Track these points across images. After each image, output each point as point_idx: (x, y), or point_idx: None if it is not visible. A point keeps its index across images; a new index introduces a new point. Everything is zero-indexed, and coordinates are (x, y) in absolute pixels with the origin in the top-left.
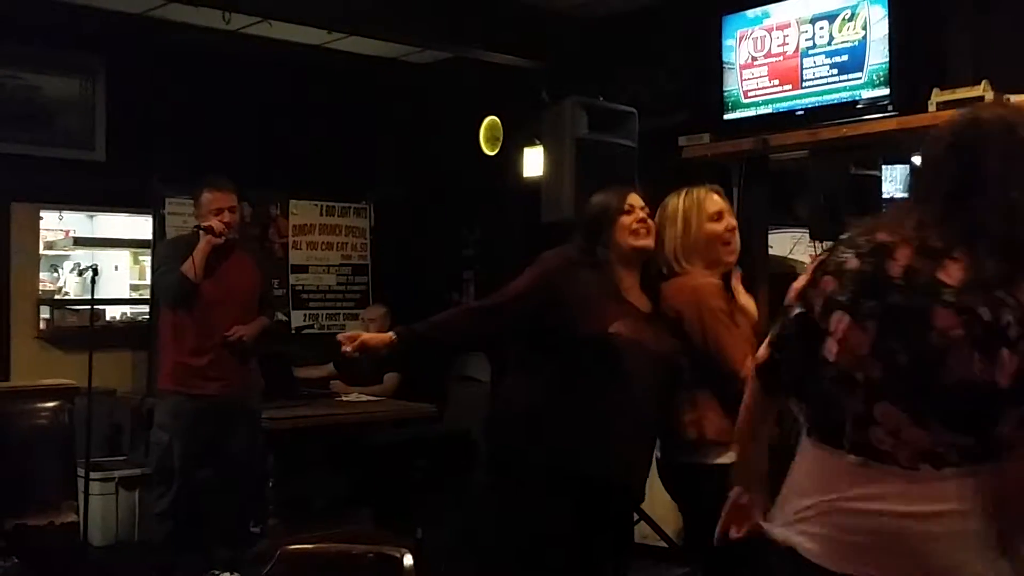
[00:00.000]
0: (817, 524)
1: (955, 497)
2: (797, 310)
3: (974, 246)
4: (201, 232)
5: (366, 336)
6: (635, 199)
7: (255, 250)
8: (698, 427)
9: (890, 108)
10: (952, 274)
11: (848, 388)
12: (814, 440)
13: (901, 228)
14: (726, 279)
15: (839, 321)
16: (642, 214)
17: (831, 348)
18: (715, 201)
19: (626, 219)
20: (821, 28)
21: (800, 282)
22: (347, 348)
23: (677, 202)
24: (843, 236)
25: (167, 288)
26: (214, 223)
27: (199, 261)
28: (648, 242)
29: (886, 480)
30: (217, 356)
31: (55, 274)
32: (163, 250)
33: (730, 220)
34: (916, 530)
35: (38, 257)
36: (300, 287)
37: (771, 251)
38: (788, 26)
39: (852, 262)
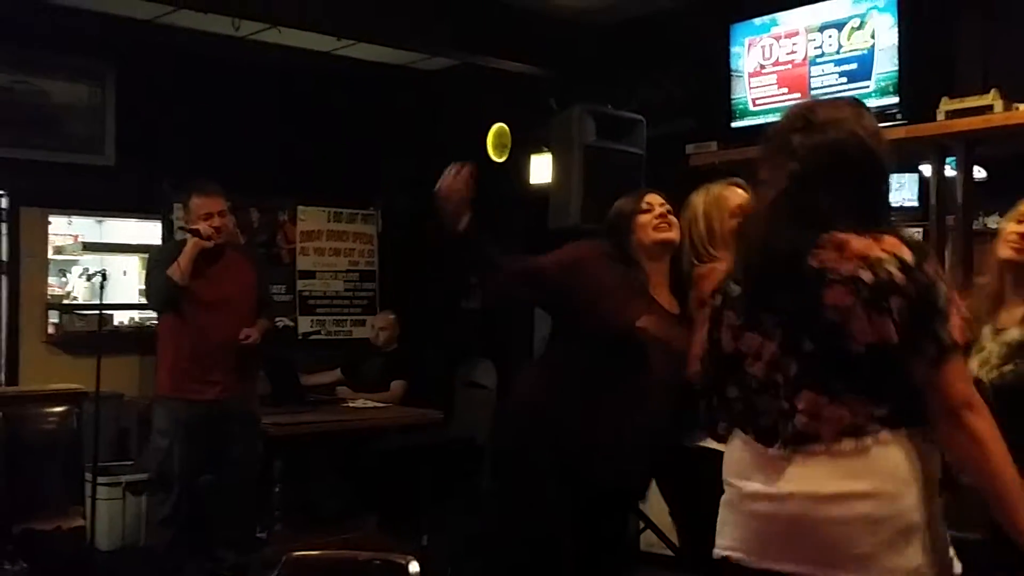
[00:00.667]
0: (735, 517)
1: (877, 471)
2: (708, 347)
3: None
4: (189, 235)
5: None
6: (653, 198)
7: (251, 254)
8: None
9: (898, 117)
10: (827, 259)
11: (773, 390)
12: (749, 442)
13: None
14: None
15: (751, 340)
16: (661, 210)
17: (748, 364)
18: (735, 195)
19: (645, 217)
20: (830, 36)
21: (704, 323)
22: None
23: (699, 201)
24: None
25: (154, 291)
26: (201, 227)
27: (185, 263)
28: (670, 235)
29: (809, 463)
30: (215, 360)
31: (64, 279)
32: (152, 256)
33: None
34: (825, 515)
35: (47, 262)
36: (307, 293)
37: None
38: (797, 34)
39: (734, 289)
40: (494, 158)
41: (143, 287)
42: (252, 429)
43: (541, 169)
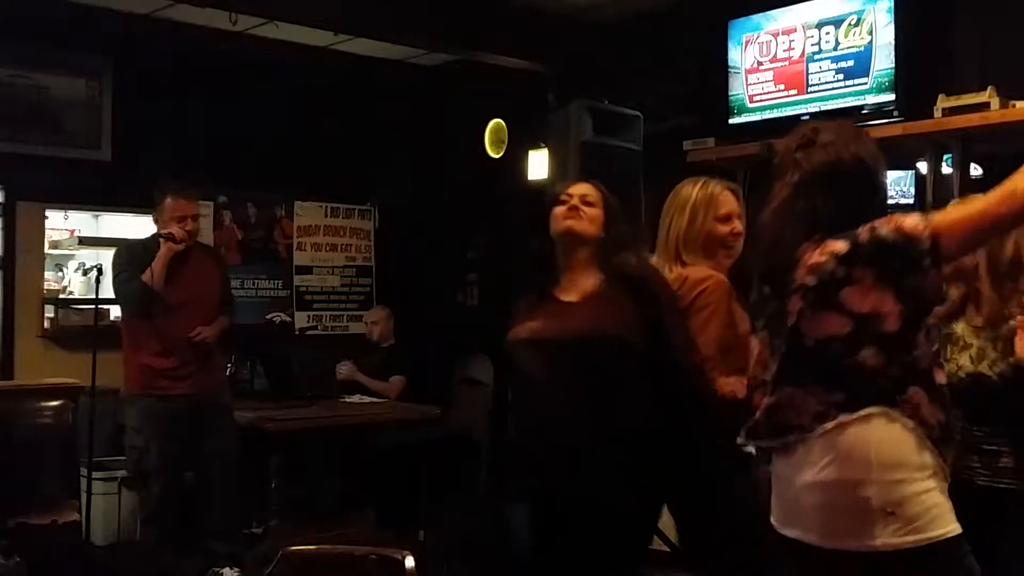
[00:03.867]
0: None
1: (845, 452)
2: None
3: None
4: (162, 240)
5: None
6: (577, 188)
7: (215, 252)
8: None
9: (896, 114)
10: (799, 274)
11: (762, 388)
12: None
13: None
14: None
15: (754, 344)
16: (575, 201)
17: (752, 366)
18: (728, 201)
19: (558, 208)
20: (827, 33)
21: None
22: None
23: (690, 191)
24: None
25: (127, 297)
26: (175, 230)
27: (159, 270)
28: (569, 224)
29: (795, 450)
30: (182, 357)
31: (60, 273)
32: (120, 256)
33: (737, 224)
34: (810, 502)
35: (43, 256)
36: (304, 288)
37: None
38: (794, 31)
39: (753, 296)
40: (491, 154)
41: (114, 292)
42: (226, 420)
43: (538, 165)
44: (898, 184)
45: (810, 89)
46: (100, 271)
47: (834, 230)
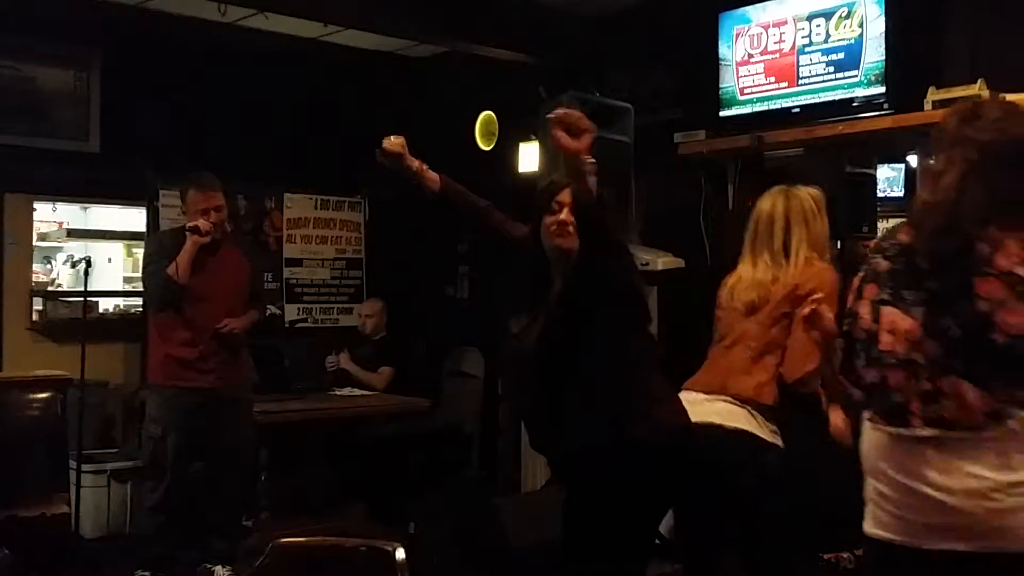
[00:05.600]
0: (893, 505)
1: (1019, 453)
2: (846, 327)
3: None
4: (187, 233)
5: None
6: (565, 195)
7: (245, 244)
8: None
9: (886, 106)
10: (985, 252)
11: (911, 370)
12: (877, 424)
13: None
14: None
15: (888, 315)
16: (564, 215)
17: (885, 340)
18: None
19: (548, 220)
20: (818, 26)
21: (848, 303)
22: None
23: (808, 196)
24: (873, 247)
25: (152, 290)
26: (200, 223)
27: (184, 263)
28: (558, 243)
29: (956, 449)
30: (208, 349)
31: (48, 265)
32: (150, 247)
33: None
34: (989, 507)
35: (31, 248)
36: (294, 281)
37: None
38: (785, 23)
39: (883, 264)
40: (482, 146)
41: (141, 284)
42: (246, 416)
43: (529, 157)
44: (888, 177)
45: (801, 82)
46: (88, 263)
47: (1016, 210)
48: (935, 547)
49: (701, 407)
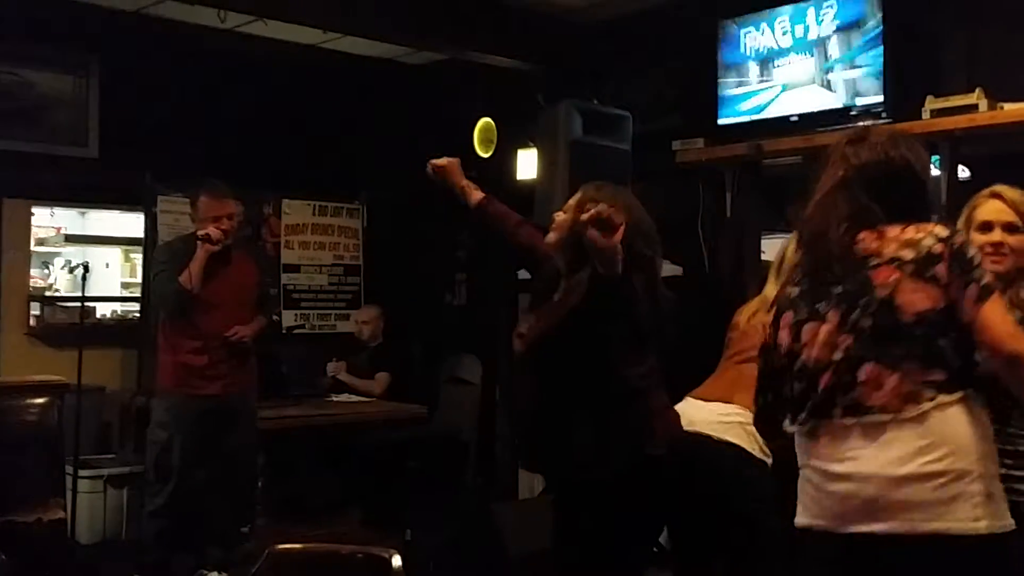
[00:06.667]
0: (813, 489)
1: (938, 433)
2: (764, 360)
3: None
4: (199, 241)
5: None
6: (574, 199)
7: (253, 251)
8: None
9: (884, 115)
10: (869, 248)
11: (832, 369)
12: (802, 424)
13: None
14: None
15: (808, 330)
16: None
17: (806, 354)
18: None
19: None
20: (819, 35)
21: (762, 339)
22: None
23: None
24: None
25: (164, 298)
26: (212, 231)
27: (196, 272)
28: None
29: (879, 437)
30: (217, 356)
31: (46, 271)
32: (160, 255)
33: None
34: (902, 495)
35: (29, 253)
36: (292, 287)
37: (764, 257)
38: (785, 32)
39: (793, 291)
40: (480, 153)
41: (151, 291)
42: (250, 424)
43: (527, 164)
44: None
45: (800, 90)
46: (86, 268)
47: (876, 212)
48: (856, 530)
49: (698, 415)
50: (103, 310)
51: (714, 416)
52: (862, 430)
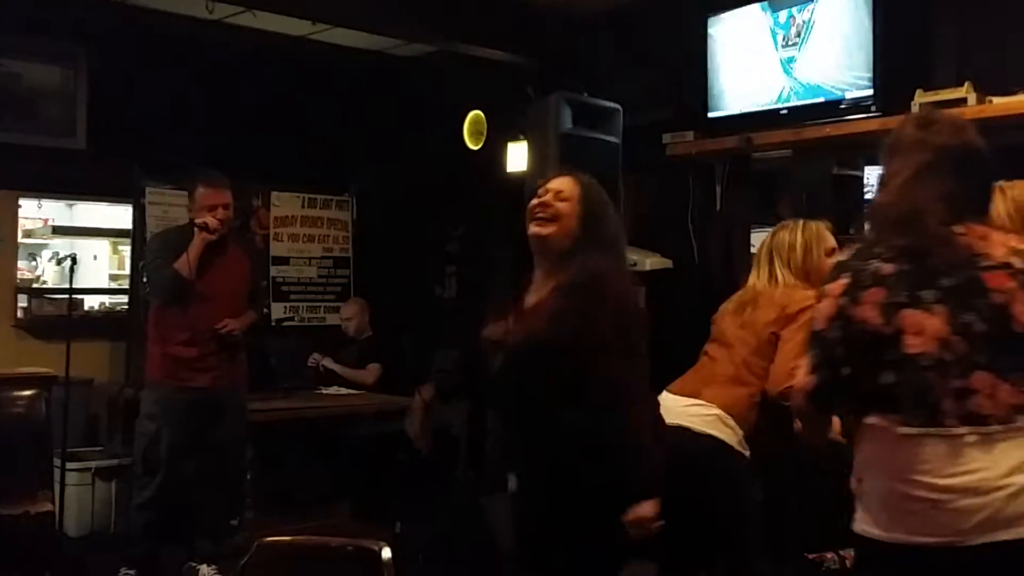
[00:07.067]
0: (927, 506)
1: None
2: (837, 332)
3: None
4: (196, 229)
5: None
6: (554, 182)
7: (246, 243)
8: None
9: (873, 108)
10: (975, 246)
11: (941, 369)
12: (898, 426)
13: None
14: None
15: (911, 316)
16: (549, 198)
17: (912, 343)
18: (831, 237)
19: (532, 204)
20: (806, 28)
21: (828, 308)
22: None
23: (796, 236)
24: (846, 259)
25: (160, 285)
26: (209, 220)
27: (193, 259)
28: (535, 231)
29: (993, 443)
30: (207, 348)
31: (33, 262)
32: (155, 244)
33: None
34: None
35: (16, 245)
36: (281, 279)
37: (753, 250)
38: (772, 25)
39: (886, 268)
40: (470, 145)
41: (146, 279)
42: (240, 417)
43: (518, 157)
44: (875, 179)
45: (789, 83)
46: (74, 260)
47: (970, 212)
48: (982, 541)
49: (677, 410)
50: (91, 302)
51: (691, 409)
52: (979, 441)
